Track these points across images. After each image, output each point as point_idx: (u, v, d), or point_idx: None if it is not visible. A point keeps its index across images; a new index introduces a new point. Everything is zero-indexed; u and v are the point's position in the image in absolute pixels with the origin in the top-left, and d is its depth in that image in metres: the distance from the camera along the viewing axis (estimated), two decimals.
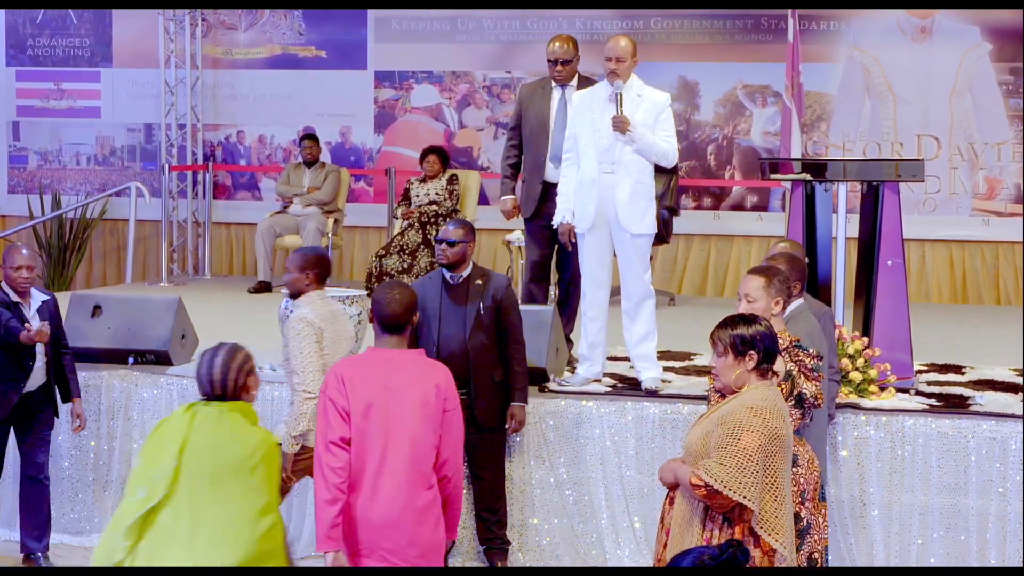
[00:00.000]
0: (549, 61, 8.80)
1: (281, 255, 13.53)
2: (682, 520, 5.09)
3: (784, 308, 6.06)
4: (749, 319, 5.20)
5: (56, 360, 7.72)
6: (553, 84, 8.83)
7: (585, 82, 8.79)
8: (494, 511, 7.60)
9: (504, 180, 9.08)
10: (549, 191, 8.72)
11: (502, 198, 9.11)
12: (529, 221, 8.90)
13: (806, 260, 7.39)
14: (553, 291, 9.87)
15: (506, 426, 7.48)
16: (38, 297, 7.66)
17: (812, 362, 5.85)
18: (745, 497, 4.87)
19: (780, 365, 5.75)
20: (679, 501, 5.14)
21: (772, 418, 4.98)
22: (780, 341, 5.81)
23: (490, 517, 7.60)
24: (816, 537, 5.97)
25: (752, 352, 5.12)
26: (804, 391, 5.81)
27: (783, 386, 5.75)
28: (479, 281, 7.35)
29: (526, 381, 7.48)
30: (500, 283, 7.40)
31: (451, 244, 7.29)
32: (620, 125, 7.70)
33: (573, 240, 7.99)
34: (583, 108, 7.96)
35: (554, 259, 9.15)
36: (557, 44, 8.78)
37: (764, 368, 5.14)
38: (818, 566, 5.94)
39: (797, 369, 5.81)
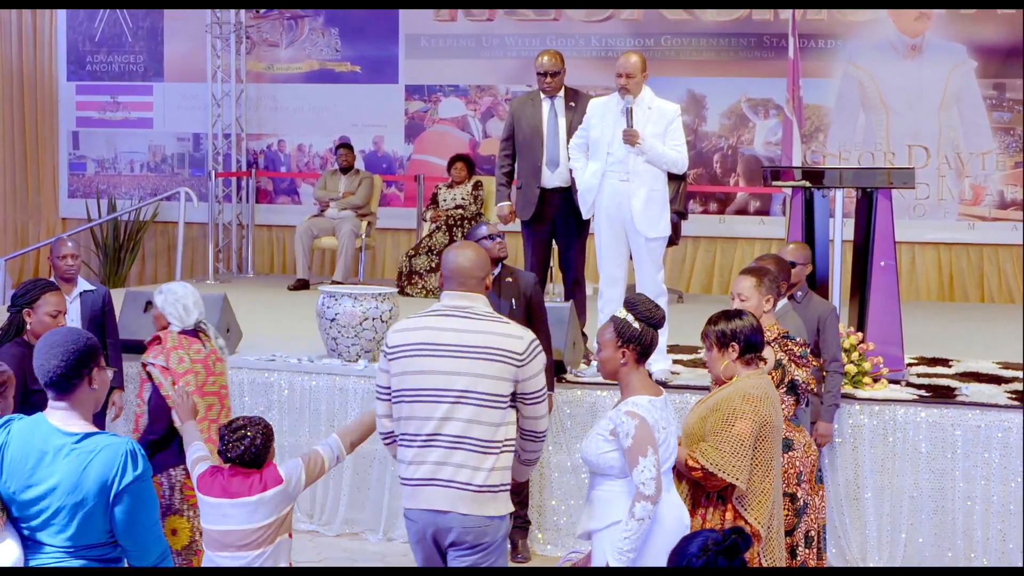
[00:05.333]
0: (539, 74, 8.81)
1: (319, 255, 13.56)
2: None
3: (775, 305, 6.06)
4: (731, 315, 5.31)
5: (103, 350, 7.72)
6: (542, 96, 8.83)
7: (571, 93, 8.80)
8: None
9: (499, 188, 9.03)
10: (546, 196, 8.72)
11: (498, 204, 9.05)
12: (527, 225, 8.87)
13: (810, 262, 7.39)
14: (551, 287, 9.87)
15: None
16: (81, 286, 7.70)
17: (800, 350, 5.87)
18: (737, 479, 4.99)
19: (770, 355, 5.77)
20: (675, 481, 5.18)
21: (763, 405, 5.07)
22: (769, 333, 5.82)
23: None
24: (813, 516, 5.97)
25: (734, 343, 5.23)
26: (796, 378, 5.83)
27: (774, 374, 5.76)
28: (509, 279, 7.29)
29: (552, 372, 7.40)
30: (529, 280, 7.34)
31: (501, 238, 7.27)
32: (630, 138, 7.70)
33: None
34: (595, 114, 7.97)
35: (556, 261, 9.11)
36: (546, 58, 8.80)
37: (748, 358, 5.20)
38: (815, 543, 5.95)
39: (787, 358, 5.81)
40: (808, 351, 5.93)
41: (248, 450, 5.20)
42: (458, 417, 4.86)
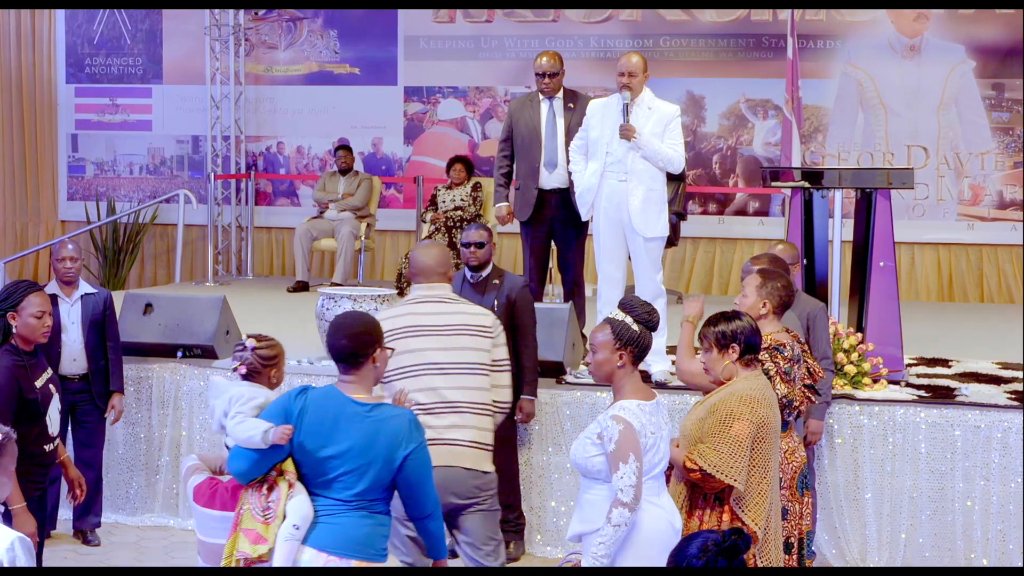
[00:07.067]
0: (537, 75, 8.81)
1: (318, 257, 13.56)
2: (676, 498, 5.13)
3: (776, 314, 6.00)
4: (730, 316, 5.30)
5: (103, 354, 7.70)
6: (541, 97, 8.83)
7: (570, 94, 8.80)
8: (505, 495, 7.54)
9: (498, 188, 9.03)
10: (544, 197, 8.72)
11: (496, 205, 9.05)
12: (525, 226, 8.86)
13: (799, 261, 7.38)
14: (551, 288, 9.84)
15: (516, 417, 7.35)
16: (82, 289, 7.67)
17: (787, 365, 5.82)
18: (736, 480, 4.98)
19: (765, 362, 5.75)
20: (673, 481, 5.18)
21: (760, 407, 5.06)
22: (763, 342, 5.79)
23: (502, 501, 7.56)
24: (793, 523, 5.93)
25: (734, 344, 5.21)
26: (777, 391, 5.78)
27: None
28: (496, 281, 7.27)
29: (536, 376, 7.34)
30: (516, 283, 7.32)
31: (480, 246, 7.26)
32: (626, 132, 7.70)
33: None
34: (595, 115, 7.97)
35: (555, 261, 9.07)
36: (545, 59, 8.81)
37: (748, 359, 5.19)
38: (795, 549, 5.92)
39: (775, 369, 5.79)
40: (794, 367, 5.85)
41: None
42: (454, 385, 5.70)
